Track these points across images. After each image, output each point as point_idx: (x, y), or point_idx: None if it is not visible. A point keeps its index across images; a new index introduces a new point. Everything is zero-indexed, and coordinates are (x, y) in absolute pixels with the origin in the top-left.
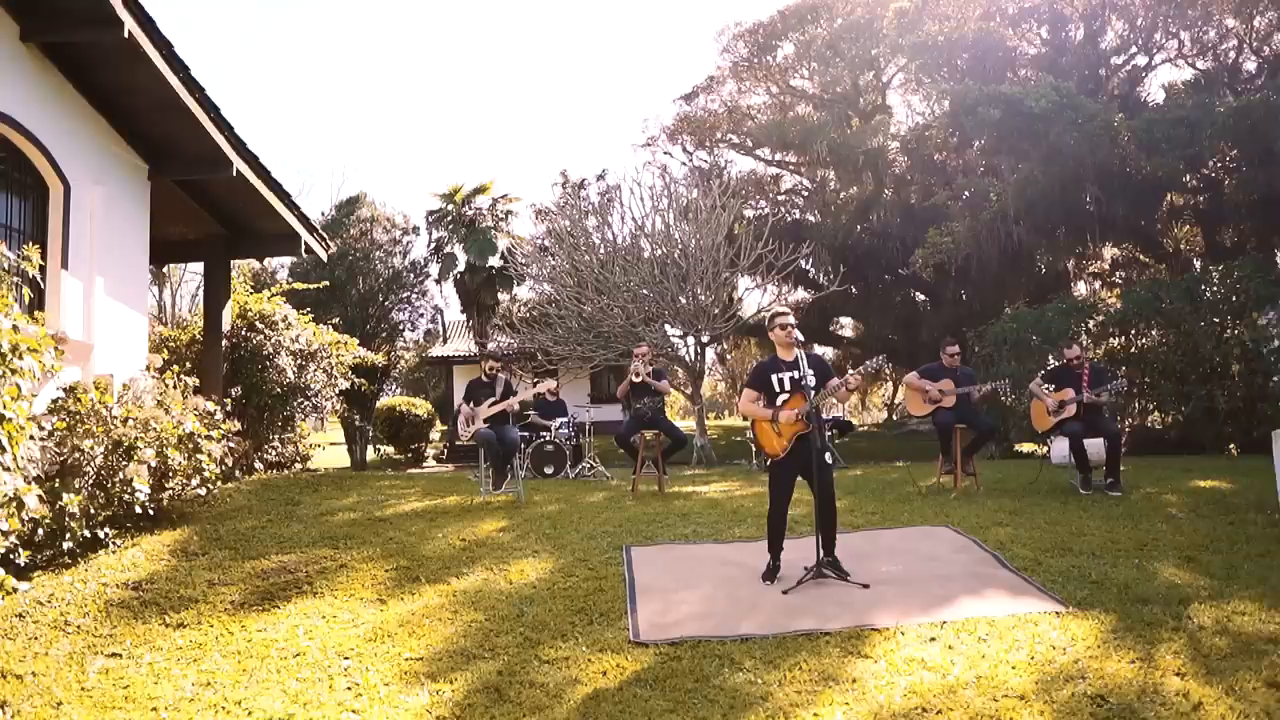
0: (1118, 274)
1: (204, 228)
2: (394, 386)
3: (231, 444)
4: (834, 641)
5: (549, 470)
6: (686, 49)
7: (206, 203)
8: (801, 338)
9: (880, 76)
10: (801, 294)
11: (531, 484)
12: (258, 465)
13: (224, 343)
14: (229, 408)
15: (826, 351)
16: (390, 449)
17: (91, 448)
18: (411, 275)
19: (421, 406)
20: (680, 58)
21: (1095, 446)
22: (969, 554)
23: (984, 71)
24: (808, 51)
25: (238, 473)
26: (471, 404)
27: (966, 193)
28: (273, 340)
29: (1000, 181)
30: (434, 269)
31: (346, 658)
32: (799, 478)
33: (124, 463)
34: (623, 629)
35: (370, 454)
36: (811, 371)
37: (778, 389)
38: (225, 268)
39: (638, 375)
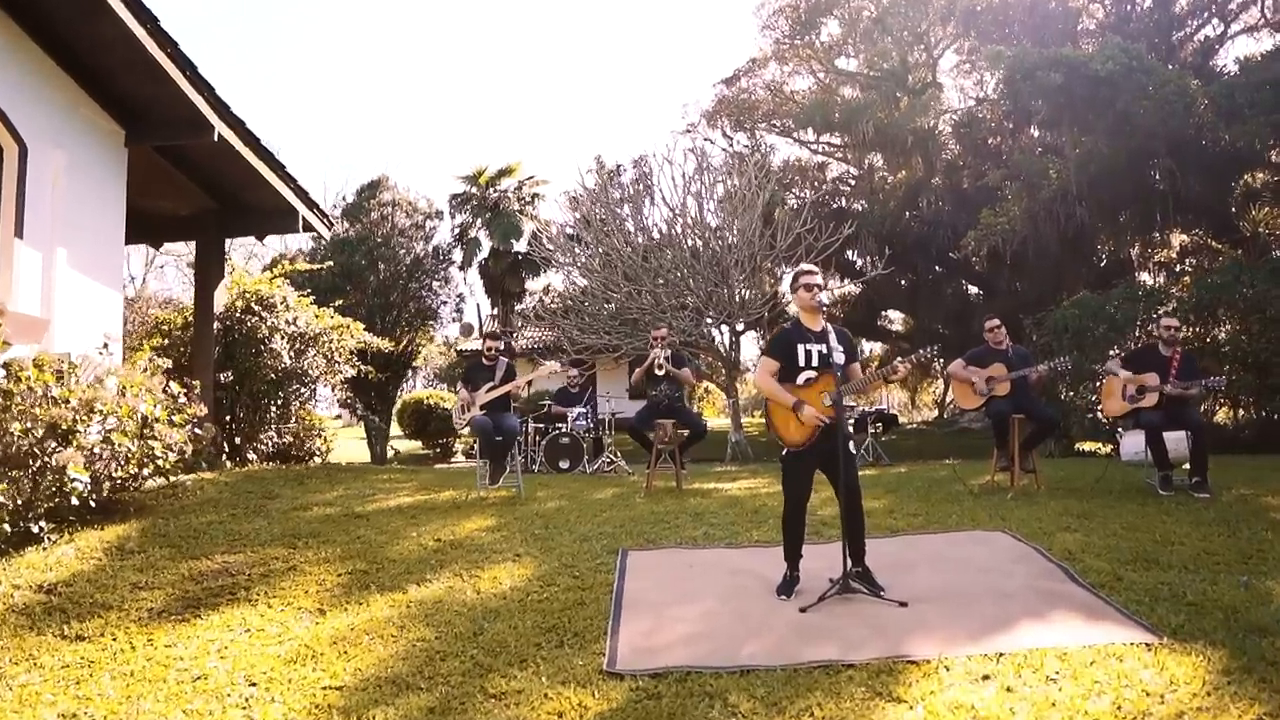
0: (1187, 261)
1: (195, 202)
2: (417, 378)
3: (198, 430)
4: (858, 678)
5: (564, 465)
6: (730, 32)
7: (196, 174)
8: (827, 301)
9: (930, 52)
10: (848, 286)
11: (539, 479)
12: (251, 455)
13: (216, 325)
14: (206, 393)
15: (874, 347)
16: (418, 443)
17: (22, 431)
18: (434, 261)
19: (450, 400)
20: (723, 41)
21: (1174, 441)
22: (1030, 565)
23: (1042, 42)
24: (854, 29)
25: (227, 463)
26: (469, 388)
27: (1023, 172)
28: (268, 323)
29: (1060, 159)
30: (458, 255)
31: (254, 683)
32: (819, 473)
33: (59, 448)
34: (598, 654)
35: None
36: (840, 347)
37: (803, 362)
38: (218, 246)
39: (660, 368)
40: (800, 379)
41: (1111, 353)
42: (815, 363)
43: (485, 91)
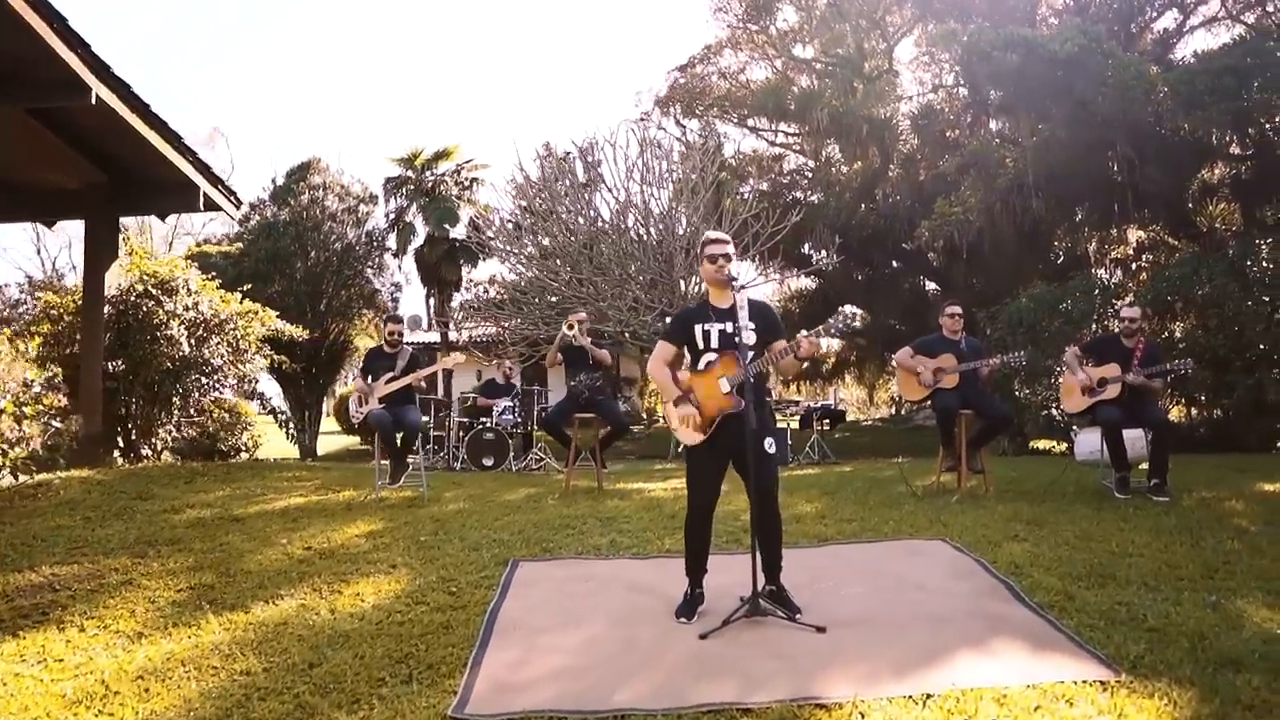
0: (1144, 257)
1: (84, 175)
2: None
3: (58, 424)
4: None
5: (488, 462)
6: (687, 18)
7: (82, 144)
8: (736, 275)
9: (888, 39)
10: (804, 280)
11: (454, 478)
12: (145, 451)
13: (108, 310)
14: (93, 384)
15: (831, 344)
16: (356, 439)
17: None
18: (368, 247)
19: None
20: (681, 28)
21: (1131, 440)
22: (971, 581)
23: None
24: (810, 15)
25: (120, 459)
26: (367, 378)
27: (979, 160)
28: (166, 308)
29: (1017, 148)
30: (394, 241)
31: None
32: (731, 471)
33: None
34: (449, 691)
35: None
36: (752, 325)
37: (702, 344)
38: (109, 224)
39: (571, 328)
40: (701, 363)
41: (1069, 347)
42: (717, 344)
43: (425, 71)
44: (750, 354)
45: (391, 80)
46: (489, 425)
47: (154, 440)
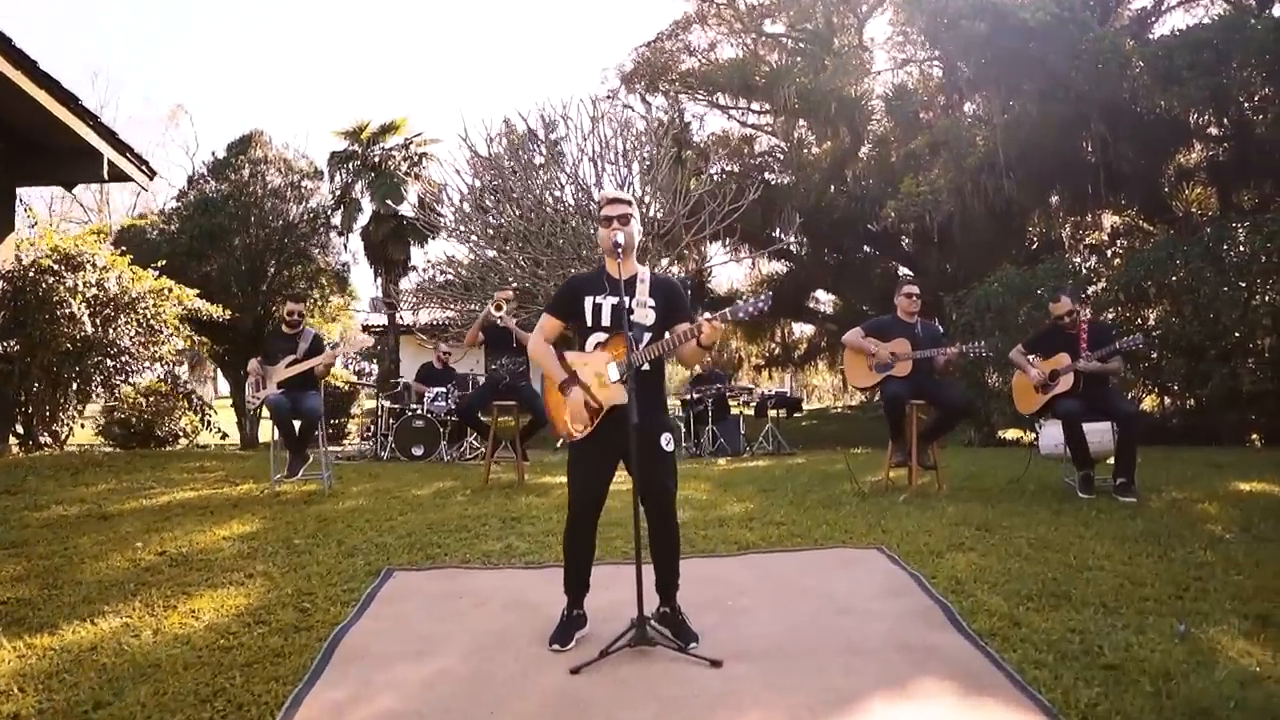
0: (1118, 243)
1: None
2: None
3: None
4: None
5: (417, 451)
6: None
7: None
8: (621, 240)
9: (858, 14)
10: (776, 266)
11: (369, 469)
12: (45, 439)
13: (1, 285)
14: None
15: (805, 329)
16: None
17: None
18: (311, 224)
19: (342, 378)
20: (650, 6)
21: (1098, 434)
22: (904, 601)
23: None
24: None
25: (15, 448)
26: (263, 361)
27: (949, 138)
28: (67, 284)
29: (989, 127)
30: (339, 219)
31: None
32: (620, 470)
33: None
34: None
35: None
36: (651, 303)
37: (591, 320)
38: (4, 192)
39: (499, 307)
40: (590, 344)
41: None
42: (608, 321)
43: (378, 43)
44: (646, 336)
45: (343, 51)
46: (419, 412)
47: (56, 427)
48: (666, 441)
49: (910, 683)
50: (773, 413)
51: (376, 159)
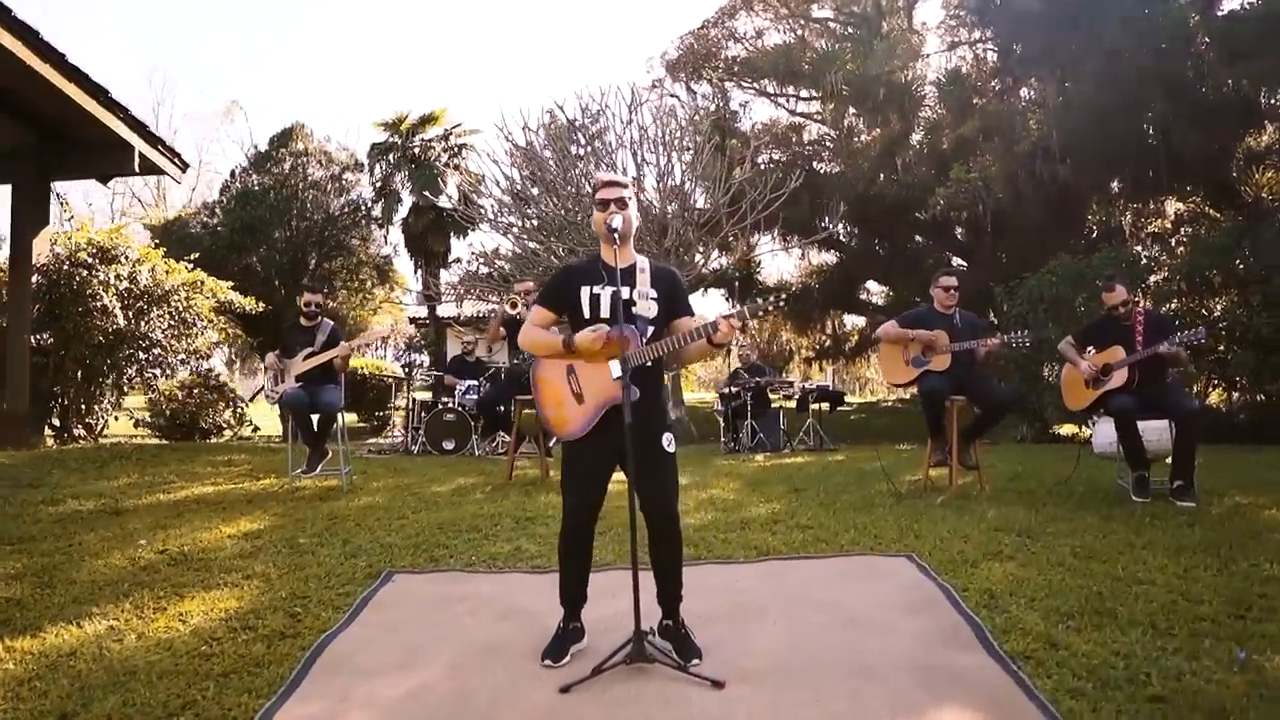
0: (1182, 230)
1: (9, 135)
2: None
3: None
4: None
5: (448, 445)
6: None
7: (3, 101)
8: (618, 225)
9: None
10: (826, 256)
11: (394, 464)
12: (79, 431)
13: (38, 280)
14: (18, 359)
15: (856, 321)
16: (354, 416)
17: None
18: (352, 216)
19: (390, 369)
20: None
21: (1155, 432)
22: (930, 616)
23: None
24: None
25: (50, 441)
26: (281, 355)
27: (1000, 123)
28: (100, 277)
29: (1043, 109)
30: (379, 211)
31: None
32: (617, 473)
33: None
34: None
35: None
36: (654, 294)
37: (589, 312)
38: (37, 187)
39: (514, 306)
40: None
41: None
42: (607, 312)
43: (416, 32)
44: (649, 329)
45: (385, 42)
46: (450, 405)
47: (90, 420)
48: (668, 442)
49: (926, 711)
50: (815, 407)
51: (416, 150)
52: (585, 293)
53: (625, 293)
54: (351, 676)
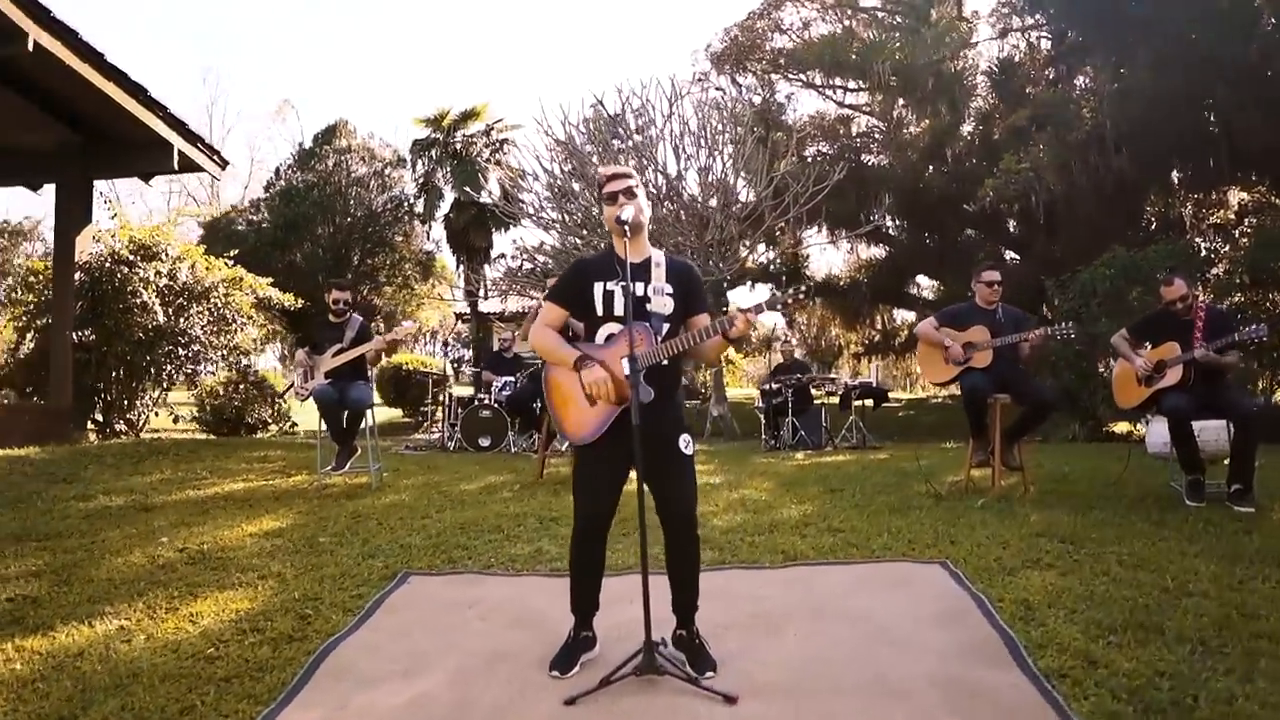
0: (1246, 221)
1: (56, 137)
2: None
3: None
4: None
5: (484, 442)
6: None
7: (51, 105)
8: (627, 216)
9: None
10: (875, 250)
11: (428, 460)
12: (120, 426)
13: (81, 277)
14: (61, 355)
15: (906, 316)
16: (398, 411)
17: None
18: (394, 212)
19: (433, 365)
20: None
21: (1212, 432)
22: (960, 629)
23: None
24: None
25: (91, 436)
26: (309, 351)
27: (1052, 111)
28: (140, 274)
29: (1096, 97)
30: (421, 206)
31: None
32: (630, 476)
33: None
34: None
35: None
36: (670, 289)
37: (602, 308)
38: (80, 186)
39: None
40: (601, 336)
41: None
42: (619, 309)
43: (458, 27)
44: (665, 326)
45: (427, 37)
46: (486, 401)
47: (131, 415)
48: (685, 444)
49: None
50: (858, 404)
51: (458, 146)
52: (598, 289)
53: (640, 288)
54: (354, 683)
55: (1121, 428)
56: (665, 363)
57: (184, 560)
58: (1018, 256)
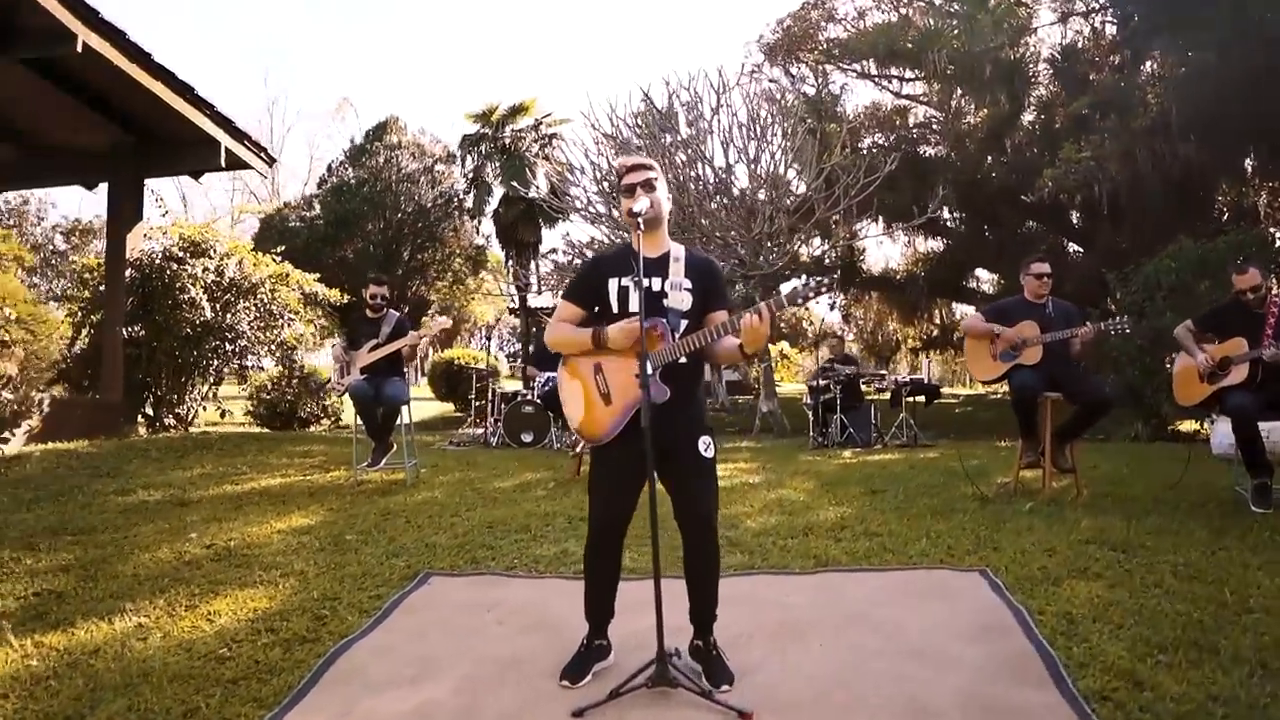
0: None
1: (110, 136)
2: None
3: (6, 393)
4: None
5: (526, 438)
6: None
7: (103, 105)
8: (641, 209)
9: None
10: (933, 244)
11: (467, 456)
12: (169, 421)
13: (132, 274)
14: (113, 351)
15: (965, 310)
16: (450, 406)
17: None
18: (444, 207)
19: (479, 359)
20: None
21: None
22: (996, 643)
23: None
24: None
25: (141, 429)
26: (346, 347)
27: (1114, 97)
28: (188, 271)
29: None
30: (471, 202)
31: None
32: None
33: None
34: None
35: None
36: (688, 283)
37: (617, 306)
38: (132, 184)
39: None
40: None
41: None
42: (635, 305)
43: (507, 21)
44: (682, 323)
45: (477, 32)
46: (529, 397)
47: (180, 410)
48: (705, 447)
49: None
50: (909, 400)
51: (507, 141)
52: (613, 284)
53: (657, 283)
54: (361, 688)
55: (1189, 426)
56: (683, 360)
57: (209, 557)
58: (1081, 249)
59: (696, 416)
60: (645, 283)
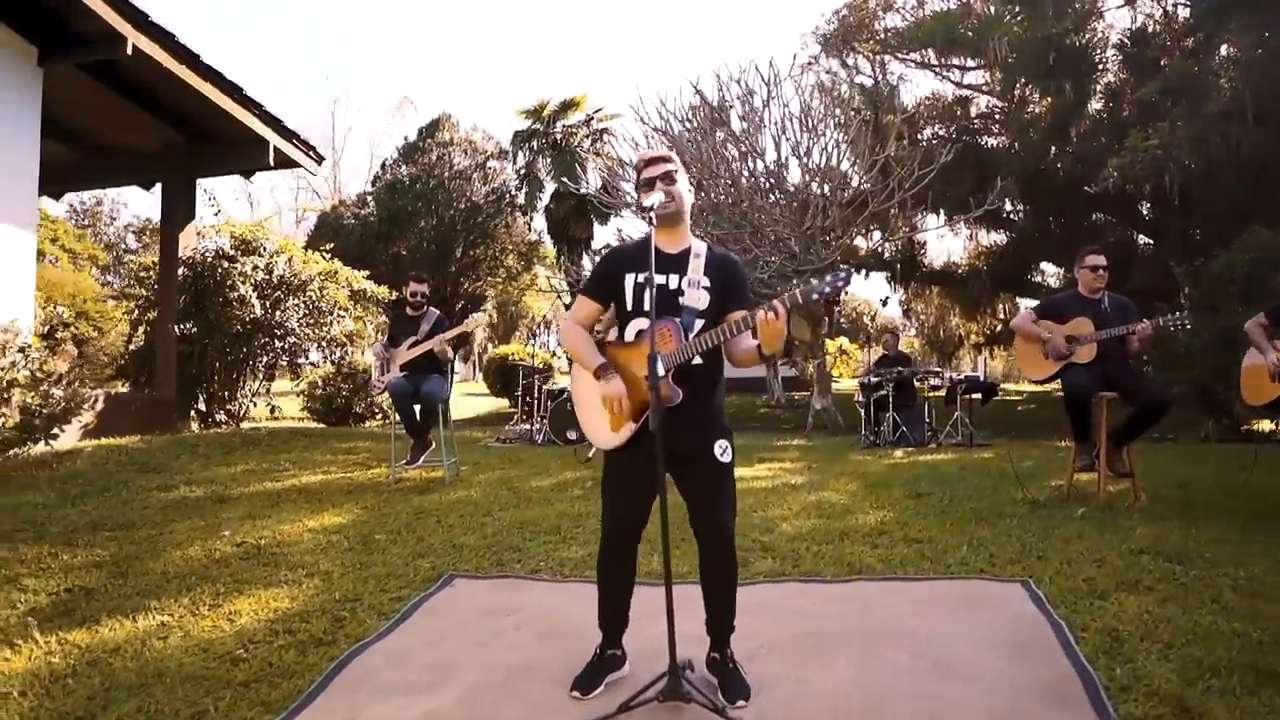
0: None
1: (163, 137)
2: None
3: (56, 391)
4: None
5: (572, 435)
6: None
7: (156, 107)
8: (656, 203)
9: None
10: (996, 237)
11: (508, 454)
12: (220, 416)
13: (184, 272)
14: (166, 348)
15: (1030, 304)
16: (504, 401)
17: None
18: (495, 203)
19: (538, 356)
20: None
21: None
22: (1033, 663)
23: None
24: None
25: (194, 426)
26: (387, 344)
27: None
28: (238, 268)
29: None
30: (523, 198)
31: None
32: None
33: None
34: None
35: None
36: (706, 282)
37: (632, 302)
38: (184, 183)
39: None
40: (631, 331)
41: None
42: (648, 304)
43: (558, 17)
44: (698, 322)
45: (529, 27)
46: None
47: (232, 406)
48: (722, 451)
49: None
50: (964, 398)
51: (558, 136)
52: (629, 280)
53: (674, 280)
54: (369, 694)
55: (1264, 426)
56: (698, 361)
57: (238, 555)
58: (1151, 241)
59: (713, 419)
60: (661, 280)
